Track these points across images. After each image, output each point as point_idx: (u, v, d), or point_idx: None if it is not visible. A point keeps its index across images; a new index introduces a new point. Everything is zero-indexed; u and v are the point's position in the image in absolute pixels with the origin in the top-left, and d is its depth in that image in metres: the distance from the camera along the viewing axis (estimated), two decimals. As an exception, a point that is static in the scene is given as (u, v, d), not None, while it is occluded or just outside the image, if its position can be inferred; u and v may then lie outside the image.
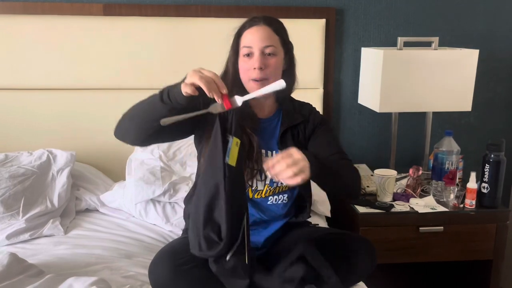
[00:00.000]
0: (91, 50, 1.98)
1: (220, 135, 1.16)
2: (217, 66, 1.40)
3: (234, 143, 1.16)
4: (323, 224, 1.76)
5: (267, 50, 1.32)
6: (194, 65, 1.97)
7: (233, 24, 1.37)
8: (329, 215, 1.85)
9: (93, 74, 2.00)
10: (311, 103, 1.53)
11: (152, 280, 1.26)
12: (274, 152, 1.43)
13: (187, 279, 1.23)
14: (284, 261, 1.27)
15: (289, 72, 1.41)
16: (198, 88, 1.13)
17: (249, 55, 1.33)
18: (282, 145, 1.42)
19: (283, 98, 1.45)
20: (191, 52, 2.02)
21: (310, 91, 2.09)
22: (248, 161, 1.36)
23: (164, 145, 1.91)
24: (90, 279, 1.22)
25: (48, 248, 1.57)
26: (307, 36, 2.05)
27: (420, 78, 1.90)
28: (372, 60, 1.98)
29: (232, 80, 1.38)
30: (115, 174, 2.00)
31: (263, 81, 1.31)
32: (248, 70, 1.33)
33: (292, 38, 1.41)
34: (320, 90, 2.13)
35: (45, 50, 1.96)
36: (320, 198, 1.82)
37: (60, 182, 1.79)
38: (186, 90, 1.12)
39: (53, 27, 1.96)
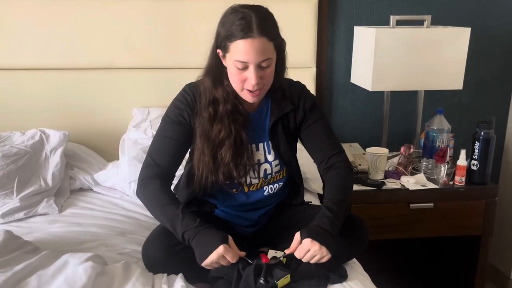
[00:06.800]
0: (84, 29, 1.96)
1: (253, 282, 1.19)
2: (209, 46, 1.38)
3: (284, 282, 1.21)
4: (315, 201, 1.78)
5: (264, 64, 1.25)
6: (186, 45, 2.00)
7: (226, 4, 1.32)
8: (321, 192, 1.87)
9: (85, 53, 1.99)
10: (300, 81, 1.48)
11: (146, 260, 1.29)
12: (265, 143, 1.42)
13: (179, 259, 1.26)
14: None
15: (280, 66, 1.35)
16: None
17: (243, 67, 1.25)
18: (273, 138, 1.41)
19: (273, 88, 1.38)
20: (184, 31, 2.01)
21: (302, 70, 2.09)
22: (239, 158, 1.35)
23: (158, 125, 1.90)
24: (85, 255, 1.22)
25: (43, 227, 1.58)
26: (300, 14, 2.04)
27: (412, 56, 1.90)
28: (364, 39, 1.98)
29: (218, 77, 1.33)
30: (108, 153, 2.01)
31: (258, 91, 1.28)
32: (242, 81, 1.27)
33: (285, 17, 1.38)
34: (313, 70, 2.13)
35: (38, 30, 1.94)
36: (312, 175, 1.84)
37: (54, 161, 1.79)
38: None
39: (46, 7, 1.93)
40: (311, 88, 2.10)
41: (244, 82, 1.27)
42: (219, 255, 1.19)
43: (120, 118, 2.02)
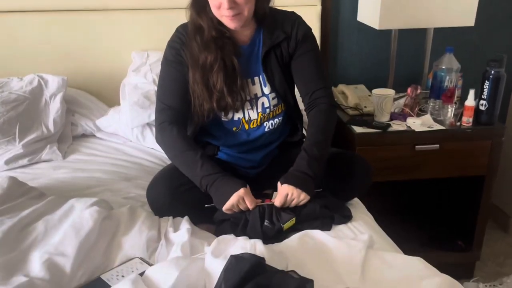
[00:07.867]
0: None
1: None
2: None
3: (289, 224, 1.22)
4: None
5: None
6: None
7: None
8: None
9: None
10: (295, 12, 1.44)
11: (150, 202, 1.30)
12: (260, 76, 1.40)
13: (183, 200, 1.28)
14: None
15: None
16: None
17: None
18: (267, 68, 1.39)
19: (262, 15, 1.37)
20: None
21: (307, 8, 2.00)
22: (232, 85, 1.34)
23: (158, 69, 1.85)
24: (91, 200, 1.24)
25: (48, 172, 1.59)
26: None
27: (422, -9, 1.81)
28: (372, -27, 1.88)
29: (202, 7, 1.31)
30: (109, 99, 1.97)
31: (236, 15, 1.26)
32: (218, 8, 1.26)
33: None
34: (318, 7, 2.04)
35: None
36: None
37: (54, 107, 1.77)
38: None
39: None
40: (316, 27, 2.02)
41: (221, 9, 1.25)
42: (240, 197, 1.22)
43: (119, 62, 1.96)
